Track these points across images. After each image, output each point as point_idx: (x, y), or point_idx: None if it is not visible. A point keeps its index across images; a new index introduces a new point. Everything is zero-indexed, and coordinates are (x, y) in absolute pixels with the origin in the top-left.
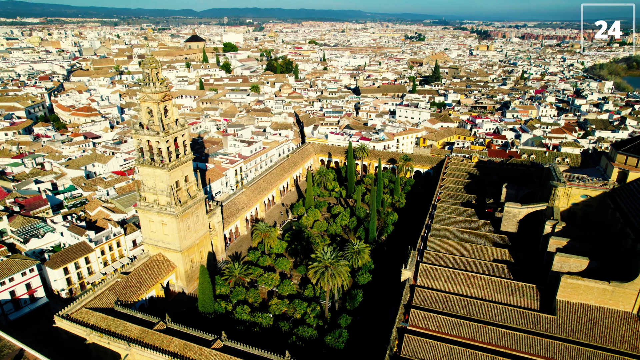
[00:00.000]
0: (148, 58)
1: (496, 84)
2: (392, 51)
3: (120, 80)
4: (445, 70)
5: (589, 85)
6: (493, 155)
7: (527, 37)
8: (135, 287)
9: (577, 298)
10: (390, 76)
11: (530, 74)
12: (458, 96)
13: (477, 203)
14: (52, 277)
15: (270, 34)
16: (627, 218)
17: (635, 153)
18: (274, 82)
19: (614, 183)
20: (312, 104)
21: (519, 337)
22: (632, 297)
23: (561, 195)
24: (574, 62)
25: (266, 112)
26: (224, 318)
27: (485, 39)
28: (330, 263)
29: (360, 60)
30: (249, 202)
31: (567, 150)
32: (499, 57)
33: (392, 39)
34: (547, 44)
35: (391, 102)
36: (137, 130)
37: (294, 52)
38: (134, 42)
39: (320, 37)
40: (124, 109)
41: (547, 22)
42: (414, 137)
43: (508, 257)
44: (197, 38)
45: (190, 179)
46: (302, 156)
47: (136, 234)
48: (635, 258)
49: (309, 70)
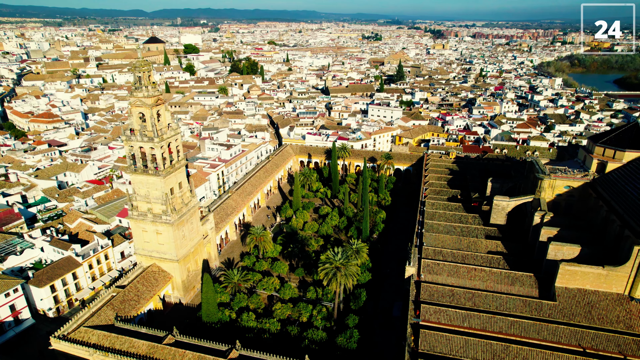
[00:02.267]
0: (139, 61)
1: (457, 82)
2: (352, 51)
3: (79, 84)
4: (407, 69)
5: (541, 81)
6: (468, 151)
7: (478, 36)
8: (134, 301)
9: (574, 283)
10: (355, 76)
11: (487, 71)
12: (425, 94)
13: (462, 198)
14: (37, 296)
15: (227, 35)
16: (610, 205)
17: (612, 145)
18: (241, 84)
19: (594, 174)
20: (284, 105)
21: (527, 324)
22: (624, 280)
23: (547, 187)
24: (524, 60)
25: (239, 115)
26: (229, 326)
27: (440, 38)
28: (341, 264)
29: (323, 60)
30: (236, 206)
31: (535, 144)
32: (455, 56)
33: (350, 38)
34: (497, 43)
35: (361, 102)
36: (128, 137)
37: (256, 53)
38: (87, 43)
39: (278, 37)
40: (88, 114)
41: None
42: (390, 136)
43: (501, 249)
44: (155, 40)
45: (184, 186)
46: (282, 158)
47: (124, 245)
48: (623, 242)
49: (274, 71)
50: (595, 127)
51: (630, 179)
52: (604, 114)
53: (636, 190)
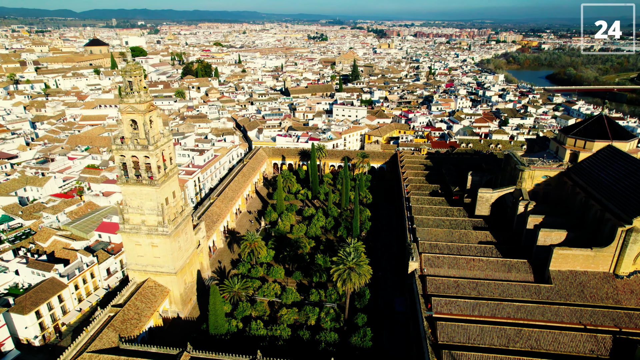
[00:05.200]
0: (129, 64)
1: (410, 80)
2: (301, 51)
3: (19, 90)
4: (360, 69)
5: (486, 78)
6: (436, 147)
7: (419, 35)
8: (135, 320)
9: (565, 266)
10: (310, 76)
11: (436, 69)
12: (383, 93)
13: (443, 192)
14: (21, 324)
15: (169, 36)
16: (587, 192)
17: (582, 136)
18: (198, 87)
19: (568, 163)
20: (247, 108)
21: (531, 307)
22: (609, 259)
23: (527, 178)
24: (466, 58)
25: (203, 119)
26: (238, 337)
27: (383, 38)
28: (355, 264)
29: (275, 61)
30: (221, 213)
31: (497, 137)
32: (402, 55)
33: (296, 39)
34: (439, 42)
35: (323, 102)
36: (119, 146)
37: (206, 55)
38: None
39: (223, 39)
40: (35, 123)
41: (430, 22)
42: (359, 135)
43: (491, 238)
44: (98, 42)
45: (178, 194)
46: (257, 161)
47: (109, 261)
48: (604, 225)
49: (228, 73)
50: (542, 119)
51: (602, 166)
52: (547, 107)
53: (610, 177)
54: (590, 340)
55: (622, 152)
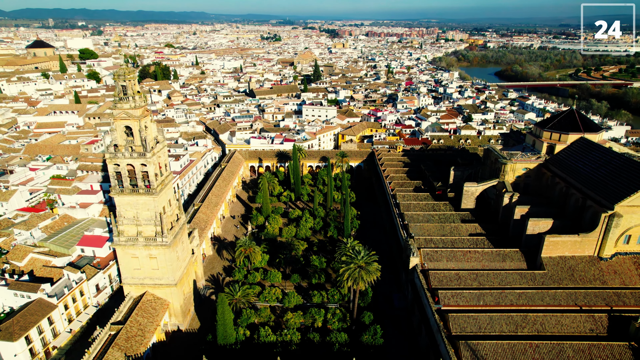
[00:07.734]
0: (123, 68)
1: (370, 79)
2: (257, 52)
3: None
4: (320, 69)
5: (442, 75)
6: (410, 144)
7: (371, 34)
8: (139, 336)
9: (555, 252)
10: (271, 77)
11: (393, 68)
12: (348, 92)
13: (426, 187)
14: (9, 352)
15: (115, 38)
16: (567, 181)
17: (558, 129)
18: (159, 90)
19: (545, 155)
20: (214, 110)
21: (531, 293)
22: (594, 244)
23: (509, 170)
24: (420, 56)
25: (171, 123)
26: (247, 345)
27: (336, 38)
28: (365, 263)
29: (234, 62)
30: (208, 219)
31: (465, 133)
32: (356, 54)
33: (249, 40)
34: (391, 41)
35: (291, 102)
36: (113, 155)
37: (161, 57)
38: None
39: (174, 40)
40: None
41: (379, 21)
42: (332, 134)
43: (480, 230)
44: (42, 44)
45: (173, 202)
46: (234, 165)
47: (98, 276)
48: (586, 212)
49: (187, 75)
50: (502, 114)
51: (579, 157)
52: (504, 102)
53: (587, 167)
54: (589, 320)
55: (595, 143)
